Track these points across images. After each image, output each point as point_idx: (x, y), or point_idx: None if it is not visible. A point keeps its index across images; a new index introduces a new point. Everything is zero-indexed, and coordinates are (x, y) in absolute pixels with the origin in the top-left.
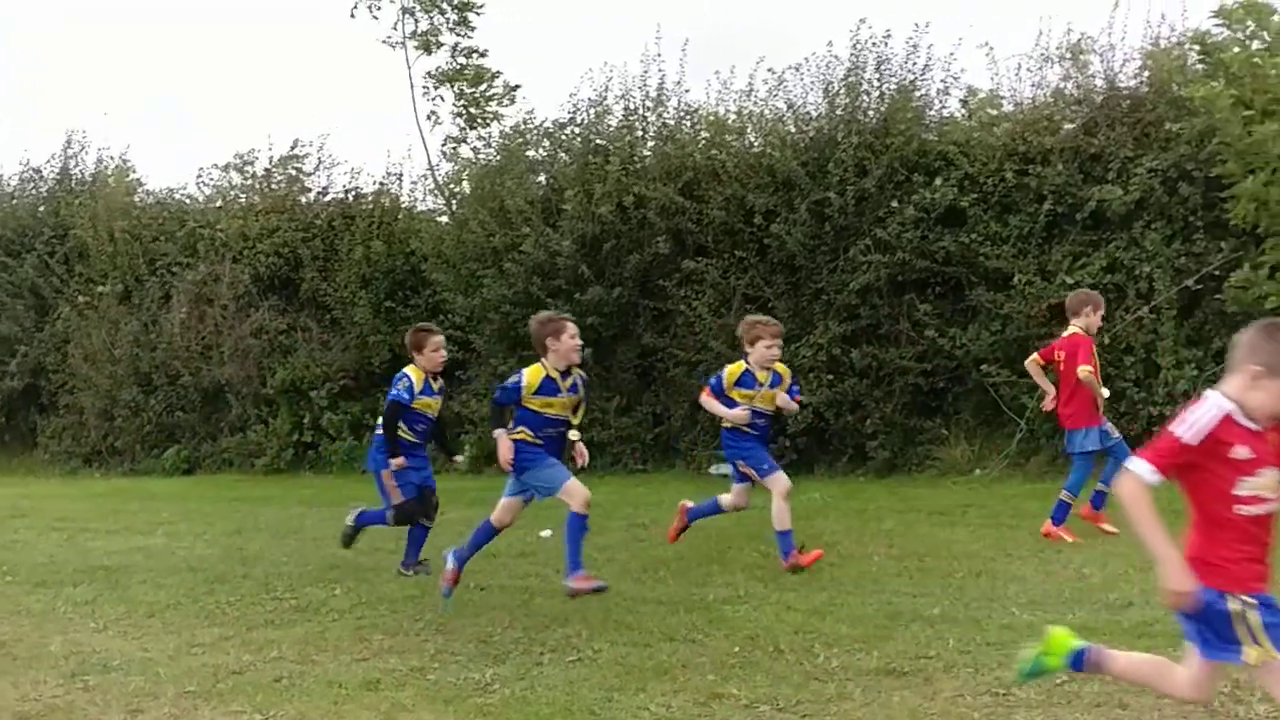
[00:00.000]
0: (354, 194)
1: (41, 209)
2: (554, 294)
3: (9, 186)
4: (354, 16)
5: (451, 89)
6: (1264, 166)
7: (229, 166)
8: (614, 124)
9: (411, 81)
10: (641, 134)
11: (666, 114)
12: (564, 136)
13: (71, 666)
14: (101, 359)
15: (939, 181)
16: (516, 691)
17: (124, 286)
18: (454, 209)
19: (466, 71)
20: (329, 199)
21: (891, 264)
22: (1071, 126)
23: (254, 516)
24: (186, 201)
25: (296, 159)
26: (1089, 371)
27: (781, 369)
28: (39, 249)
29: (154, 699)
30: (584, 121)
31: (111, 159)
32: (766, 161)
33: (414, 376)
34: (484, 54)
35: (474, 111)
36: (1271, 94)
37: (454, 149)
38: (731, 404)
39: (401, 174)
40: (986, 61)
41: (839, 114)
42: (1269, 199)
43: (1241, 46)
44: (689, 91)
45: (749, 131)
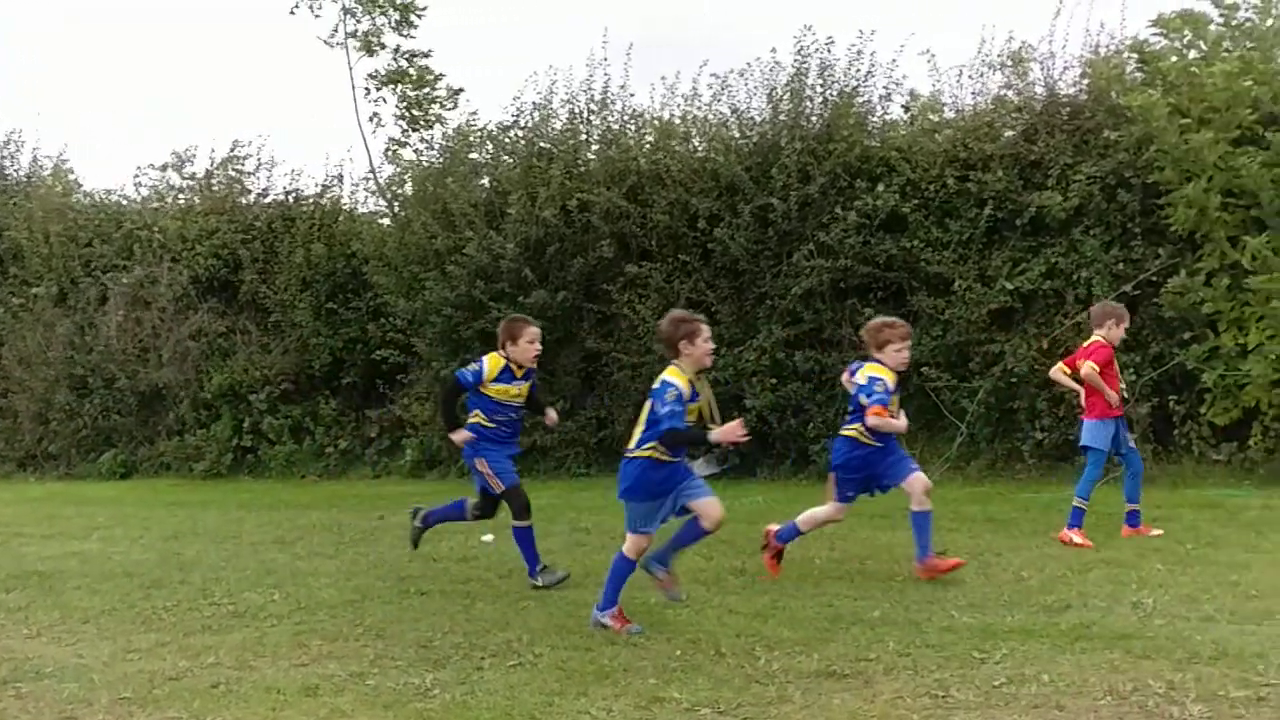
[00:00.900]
0: (295, 195)
1: None
2: (497, 297)
3: None
4: (294, 14)
5: (394, 91)
6: (1200, 174)
7: (166, 166)
8: (558, 127)
9: (353, 83)
10: (586, 138)
11: (611, 118)
12: (508, 139)
13: (3, 674)
14: (36, 362)
15: (881, 187)
16: (457, 697)
17: (59, 289)
18: (396, 211)
19: (409, 73)
20: (269, 200)
21: (834, 269)
22: (1012, 133)
23: (192, 521)
24: (123, 202)
25: (237, 160)
26: (1091, 367)
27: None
28: None
29: (88, 706)
30: (528, 125)
31: (49, 159)
32: (711, 166)
33: (489, 362)
34: (427, 55)
35: (416, 114)
36: (1207, 102)
37: (396, 151)
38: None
39: (343, 175)
40: (928, 68)
41: (783, 119)
42: (1205, 206)
43: (1179, 56)
44: (634, 96)
45: (693, 136)
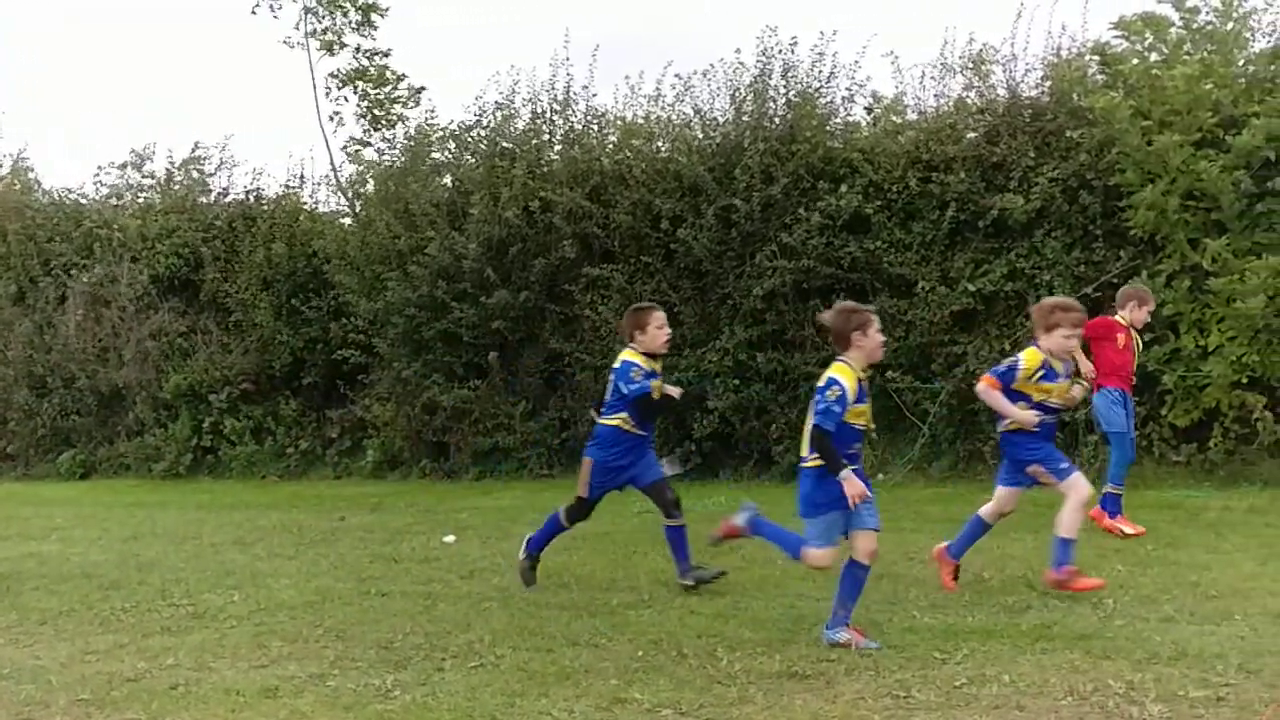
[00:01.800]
0: (255, 195)
1: None
2: (459, 297)
3: None
4: (255, 13)
5: (355, 90)
6: (1162, 176)
7: (126, 165)
8: (521, 127)
9: (314, 82)
10: (548, 138)
11: (574, 118)
12: (470, 139)
13: None
14: None
15: (844, 188)
16: (418, 698)
17: (17, 288)
18: (357, 211)
19: (370, 73)
20: (230, 199)
21: (797, 270)
22: (974, 135)
23: (151, 522)
24: (83, 201)
25: (198, 161)
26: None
27: (1077, 355)
28: None
29: (45, 707)
30: (490, 124)
31: (8, 156)
32: (674, 167)
33: (641, 363)
34: (387, 55)
35: (378, 113)
36: (1169, 105)
37: (357, 150)
38: (1014, 398)
39: (304, 175)
40: (891, 70)
41: (746, 120)
42: (1166, 208)
43: (1140, 58)
44: (596, 96)
45: (656, 137)
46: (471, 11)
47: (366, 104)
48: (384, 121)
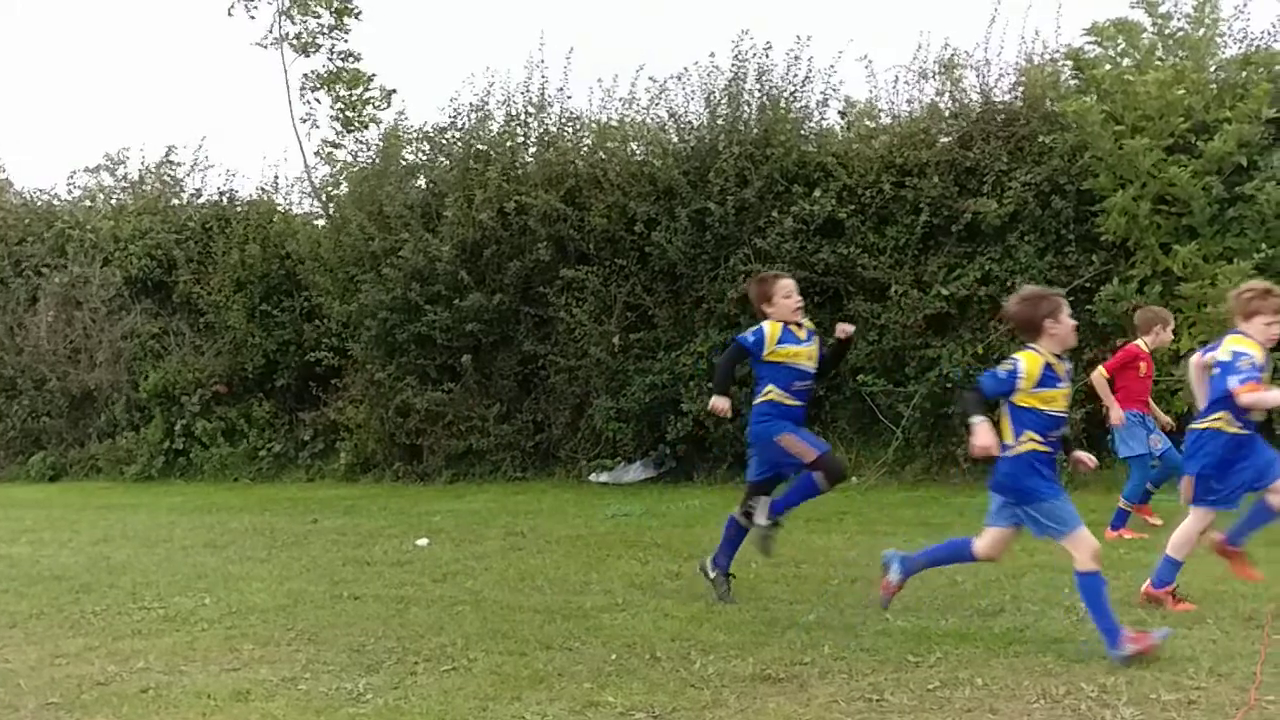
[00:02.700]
0: (229, 196)
1: None
2: (433, 300)
3: None
4: (231, 15)
5: (329, 92)
6: (1133, 181)
7: (99, 168)
8: (495, 129)
9: (288, 84)
10: (523, 140)
11: (549, 120)
12: (444, 141)
13: None
14: None
15: (818, 193)
16: (390, 701)
17: None
18: (331, 212)
19: (344, 75)
20: (203, 201)
21: None
22: (947, 140)
23: (122, 524)
24: (55, 202)
25: (171, 164)
26: (1100, 374)
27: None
28: None
29: (14, 711)
30: (465, 126)
31: None
32: (648, 170)
33: (768, 327)
34: (359, 58)
35: (350, 115)
36: (1141, 110)
37: (330, 152)
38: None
39: (278, 177)
40: (865, 75)
41: (720, 124)
42: (1138, 213)
43: (1113, 63)
44: (571, 98)
45: (631, 139)
46: (445, 13)
47: (340, 106)
48: (356, 123)
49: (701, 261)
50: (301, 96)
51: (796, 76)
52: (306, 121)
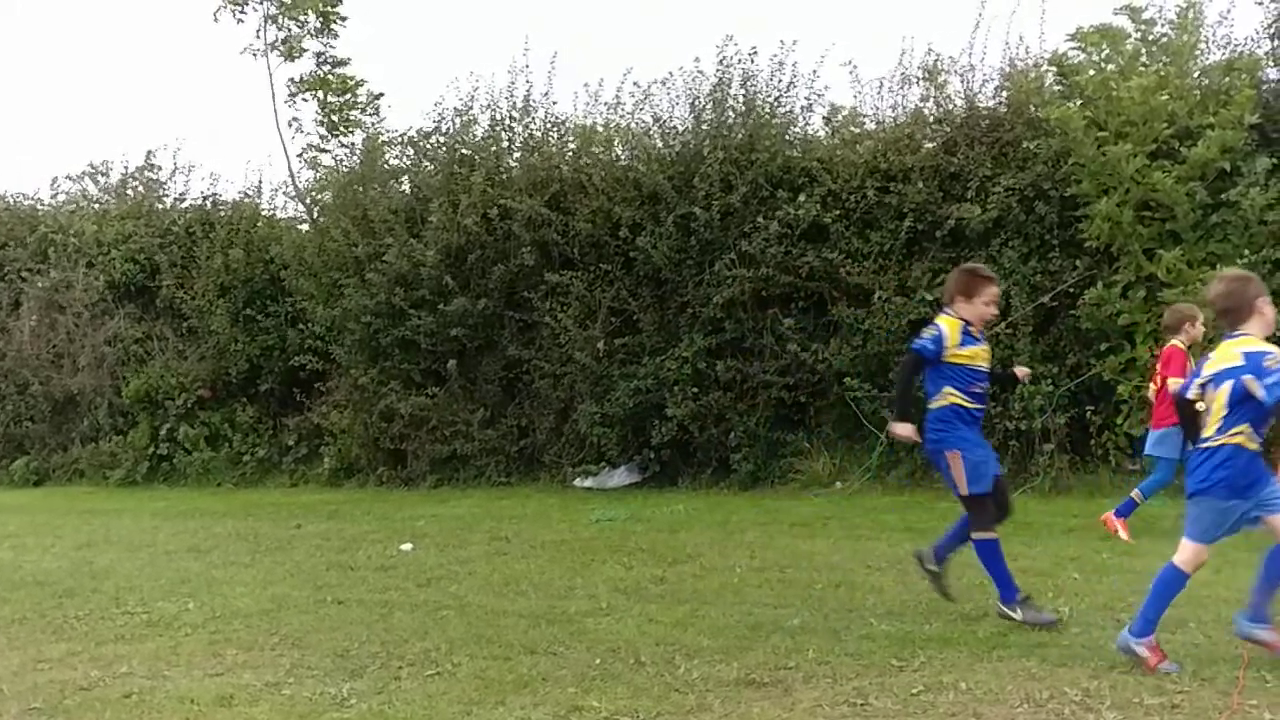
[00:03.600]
0: (213, 200)
1: None
2: (417, 305)
3: None
4: (217, 20)
5: (314, 97)
6: (1117, 186)
7: (83, 176)
8: (480, 134)
9: (273, 88)
10: (508, 145)
11: (533, 125)
12: (429, 146)
13: None
14: None
15: (803, 198)
16: (374, 706)
17: None
18: (315, 217)
19: (330, 80)
20: (186, 205)
21: (756, 279)
22: (932, 145)
23: (105, 529)
24: (39, 207)
25: (153, 168)
26: (1177, 383)
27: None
28: None
29: None
30: (449, 131)
31: None
32: (633, 175)
33: (946, 325)
34: (345, 63)
35: (336, 119)
36: (1124, 116)
37: (315, 157)
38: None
39: (262, 181)
40: (850, 80)
41: (705, 129)
42: (1121, 219)
43: (1096, 69)
44: (556, 103)
45: (616, 144)
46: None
47: (325, 111)
48: (341, 128)
49: (686, 266)
50: (288, 101)
51: (781, 82)
52: (292, 125)
